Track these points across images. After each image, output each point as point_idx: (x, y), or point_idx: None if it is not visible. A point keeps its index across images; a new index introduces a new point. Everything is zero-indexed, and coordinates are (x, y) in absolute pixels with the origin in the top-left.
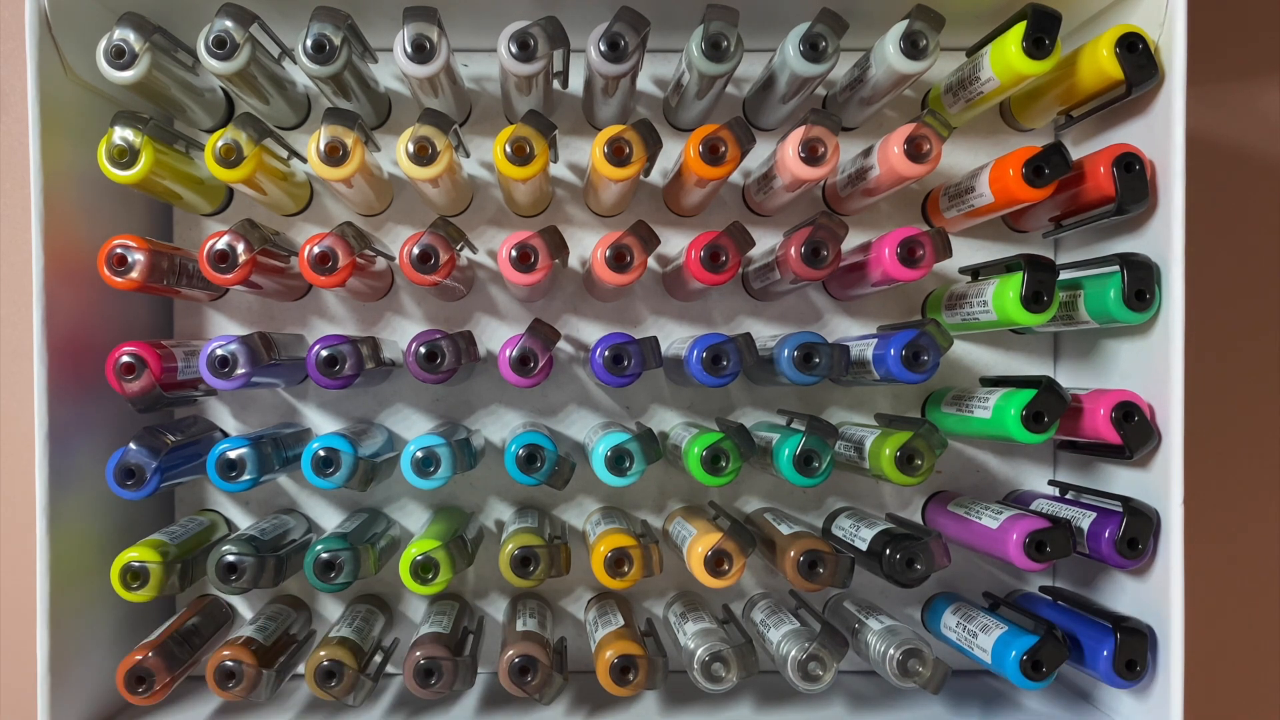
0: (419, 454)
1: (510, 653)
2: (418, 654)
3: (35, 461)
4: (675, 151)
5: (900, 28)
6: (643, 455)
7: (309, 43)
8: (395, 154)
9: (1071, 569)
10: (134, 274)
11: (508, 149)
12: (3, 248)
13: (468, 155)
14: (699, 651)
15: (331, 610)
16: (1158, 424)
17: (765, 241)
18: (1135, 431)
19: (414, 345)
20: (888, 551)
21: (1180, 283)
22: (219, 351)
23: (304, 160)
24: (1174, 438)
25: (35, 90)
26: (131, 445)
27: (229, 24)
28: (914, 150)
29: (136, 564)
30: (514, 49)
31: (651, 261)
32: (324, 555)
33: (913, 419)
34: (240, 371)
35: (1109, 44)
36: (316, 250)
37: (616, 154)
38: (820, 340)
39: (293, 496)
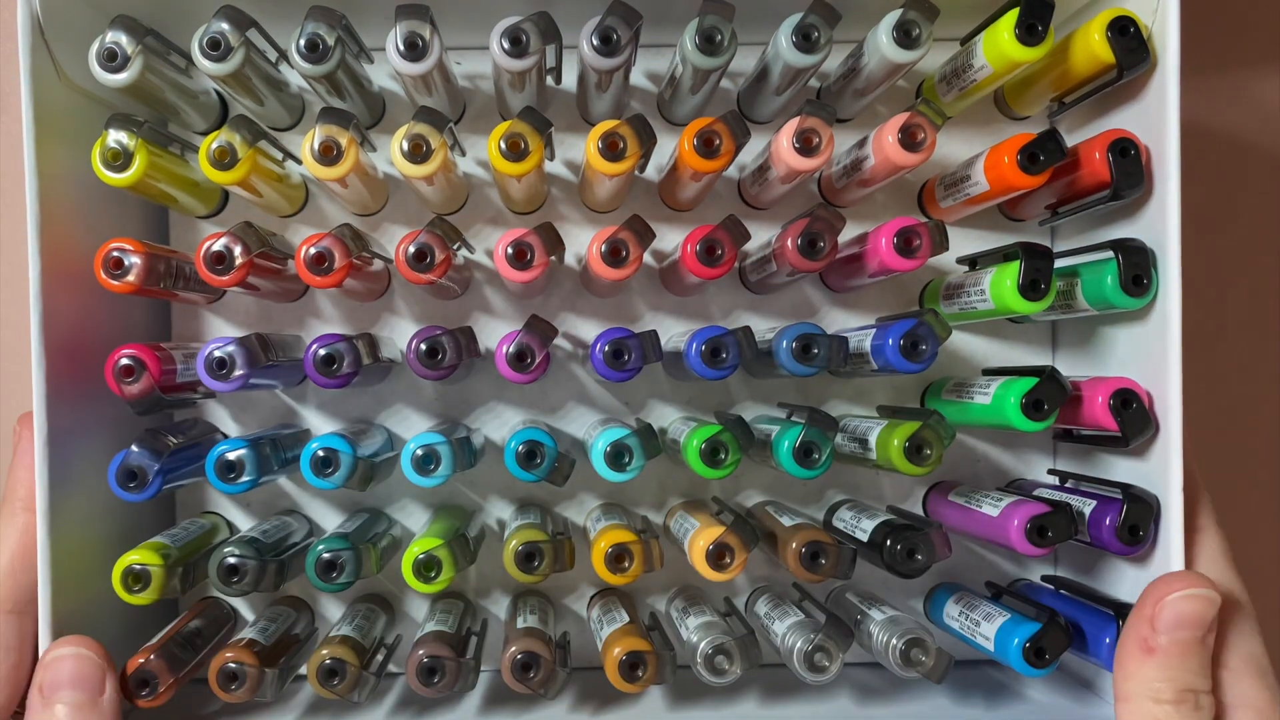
0: (419, 452)
1: (513, 649)
2: (420, 652)
3: (35, 465)
4: (670, 145)
5: (893, 17)
6: (642, 450)
7: (302, 42)
8: (390, 153)
9: (1073, 558)
10: (131, 277)
11: (502, 145)
12: (2, 249)
13: (463, 153)
14: (701, 645)
15: (333, 610)
16: (1156, 411)
17: (761, 235)
18: (1133, 419)
19: (415, 342)
20: (889, 542)
21: (1176, 268)
22: (217, 353)
23: (299, 162)
24: (1172, 424)
25: (29, 95)
26: (134, 447)
27: (225, 26)
28: (908, 139)
29: (138, 567)
30: (506, 45)
31: (648, 257)
32: (325, 555)
33: (918, 409)
34: (238, 373)
35: (1100, 28)
36: (313, 251)
37: (611, 149)
38: (819, 331)
39: (294, 498)
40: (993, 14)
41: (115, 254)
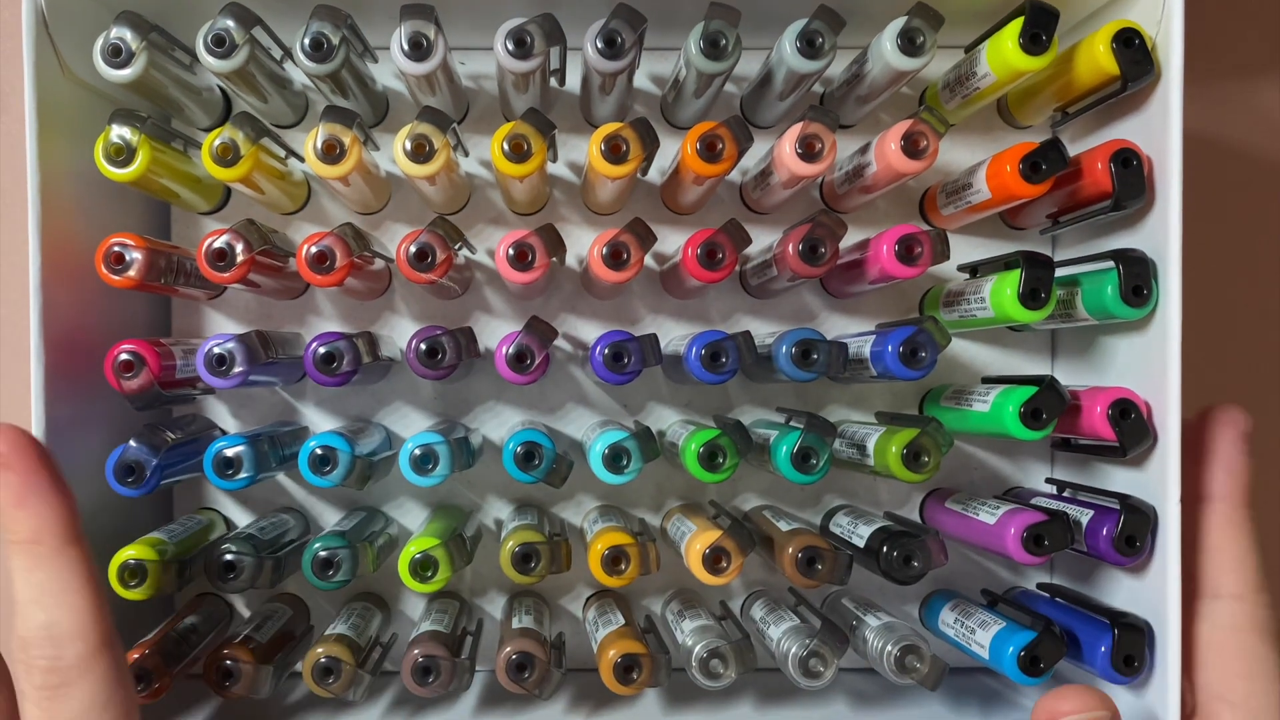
0: (417, 451)
1: (508, 649)
2: (416, 652)
3: None
4: (673, 149)
5: (898, 24)
6: (640, 453)
7: (307, 41)
8: (393, 152)
9: (1069, 567)
10: (132, 272)
11: (505, 146)
12: (2, 247)
13: (466, 154)
14: (696, 648)
15: (330, 608)
16: (1154, 421)
17: (763, 239)
18: (1132, 429)
19: (414, 341)
20: (885, 549)
21: (1177, 279)
22: (216, 350)
23: (301, 160)
24: (1170, 434)
25: (32, 90)
26: (132, 442)
27: (230, 24)
28: (911, 146)
29: (134, 562)
30: (510, 46)
31: (649, 260)
32: (322, 553)
33: (917, 416)
34: (237, 370)
35: (1105, 39)
36: (314, 250)
37: (613, 152)
38: (818, 336)
39: (292, 495)
40: (997, 22)
41: (116, 249)
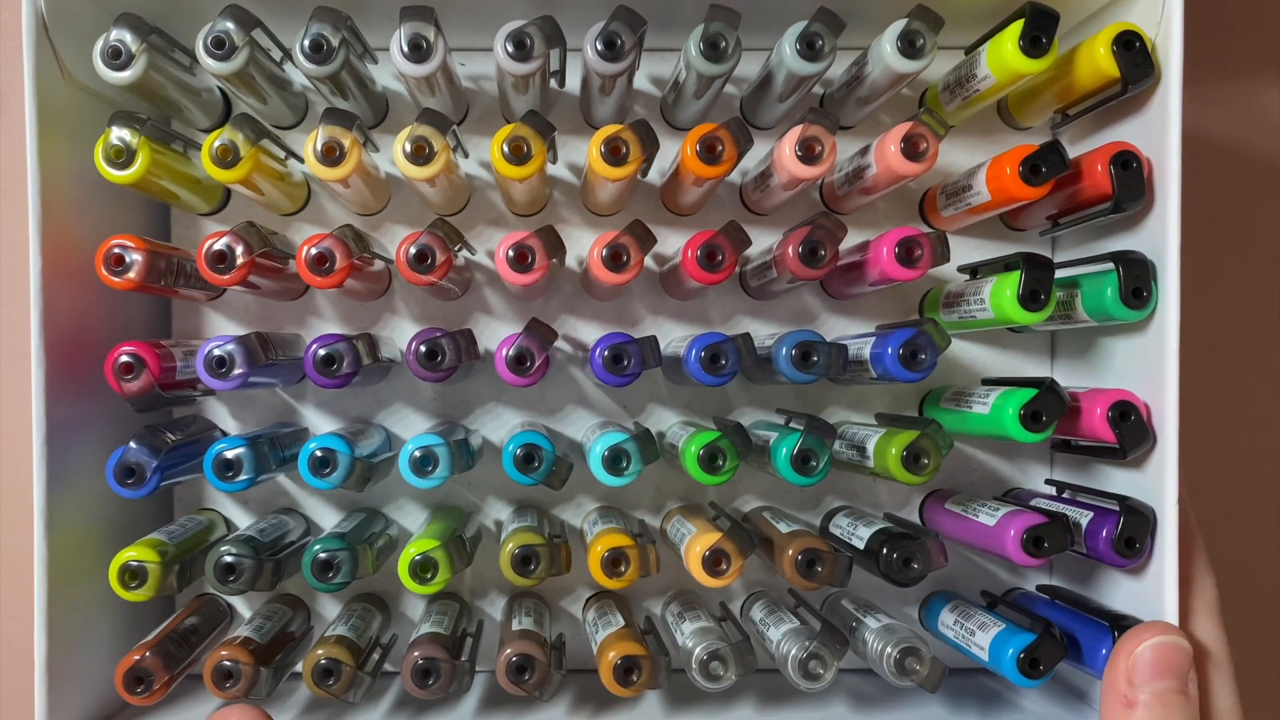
0: (417, 453)
1: (507, 651)
2: (416, 654)
3: (33, 461)
4: (673, 150)
5: (898, 27)
6: (640, 455)
7: (307, 43)
8: (393, 153)
9: (1069, 568)
10: (132, 274)
11: (505, 148)
12: (2, 247)
13: (466, 155)
14: (697, 650)
15: (330, 609)
16: (1153, 423)
17: (763, 240)
18: (1131, 431)
19: (414, 344)
20: (885, 550)
21: (1175, 281)
22: (216, 352)
23: (301, 161)
24: (1169, 436)
25: (32, 92)
26: (132, 444)
27: (230, 25)
28: (911, 149)
29: (135, 563)
30: (510, 48)
31: (649, 261)
32: (322, 555)
33: (917, 418)
34: (237, 371)
35: (1106, 42)
36: (314, 252)
37: (613, 153)
38: (818, 339)
39: (293, 496)
40: (997, 25)
41: (116, 251)
